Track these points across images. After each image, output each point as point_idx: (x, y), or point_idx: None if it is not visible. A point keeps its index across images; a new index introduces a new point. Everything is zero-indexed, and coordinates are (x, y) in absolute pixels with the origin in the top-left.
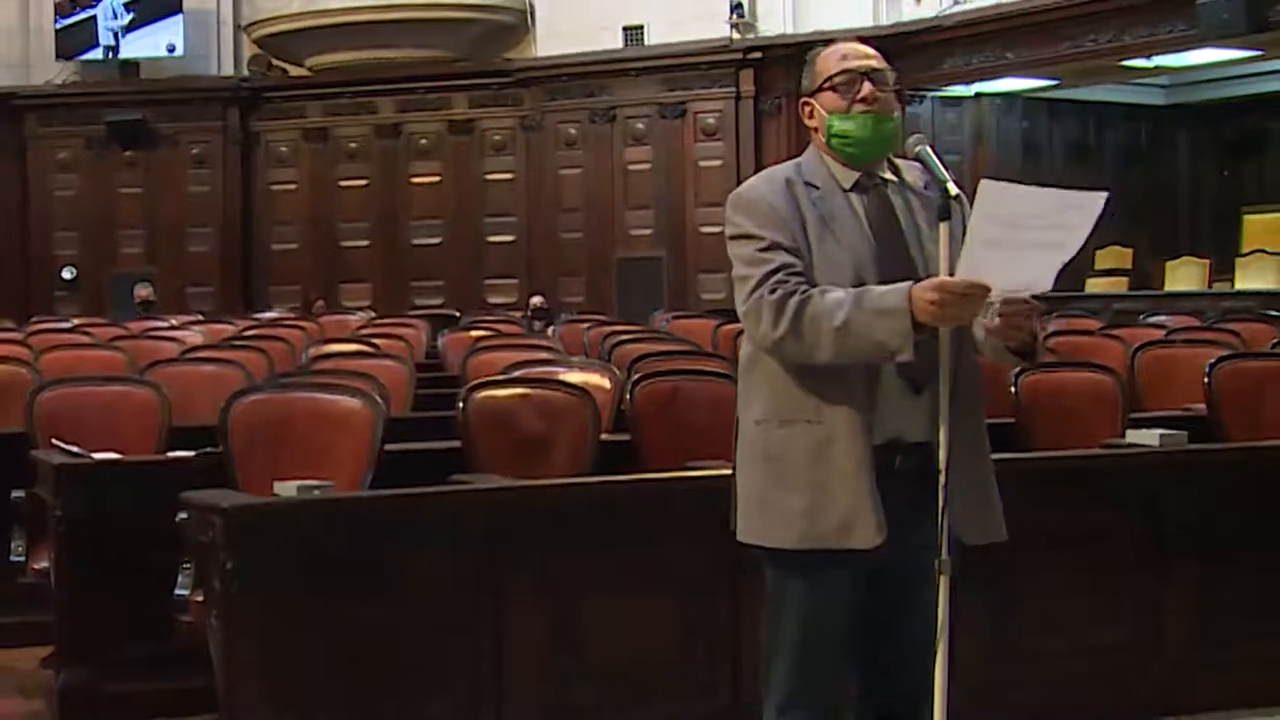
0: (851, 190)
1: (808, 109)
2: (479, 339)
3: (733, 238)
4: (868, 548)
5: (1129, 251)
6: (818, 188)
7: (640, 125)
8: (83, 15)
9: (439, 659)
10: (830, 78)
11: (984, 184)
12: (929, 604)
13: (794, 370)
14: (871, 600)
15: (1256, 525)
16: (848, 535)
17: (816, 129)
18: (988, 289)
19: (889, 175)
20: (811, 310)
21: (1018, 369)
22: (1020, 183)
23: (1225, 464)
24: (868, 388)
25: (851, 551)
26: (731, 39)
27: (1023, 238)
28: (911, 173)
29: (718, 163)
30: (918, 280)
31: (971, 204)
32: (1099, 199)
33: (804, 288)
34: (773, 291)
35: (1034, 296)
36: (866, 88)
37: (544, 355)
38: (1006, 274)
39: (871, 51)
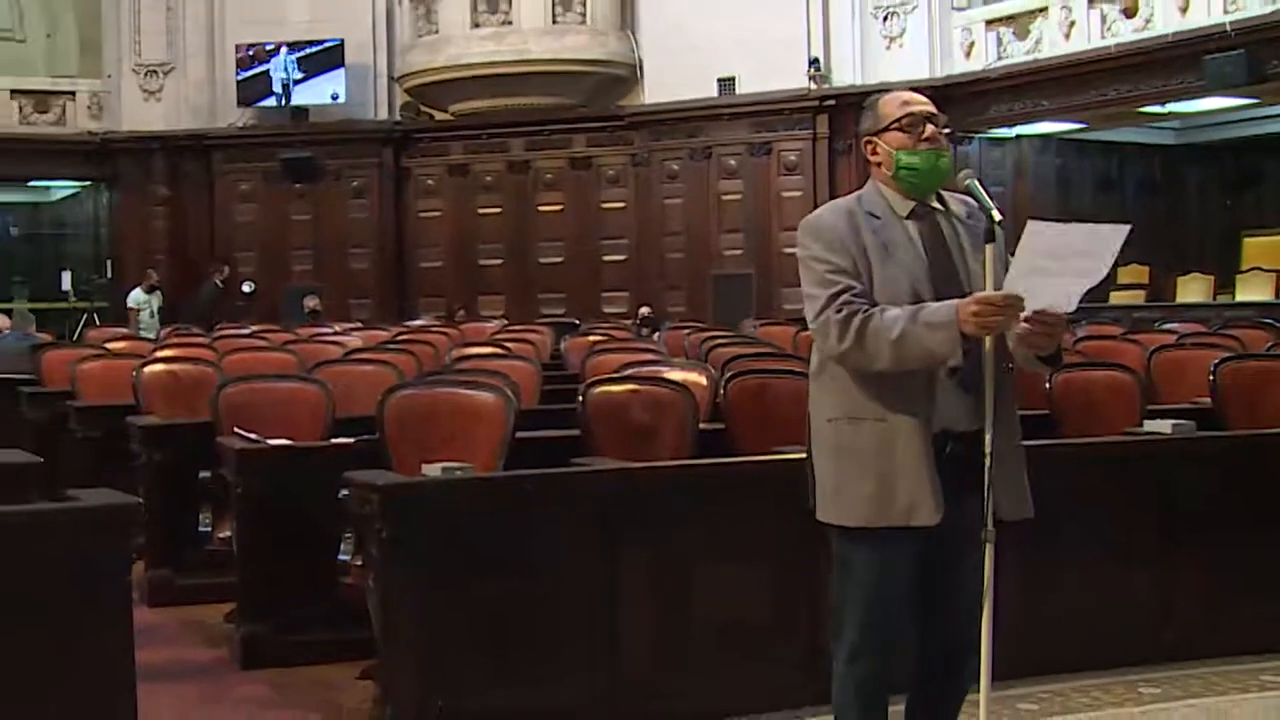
0: (908, 218)
1: (871, 146)
2: (595, 343)
3: (804, 259)
4: (930, 525)
5: (1146, 269)
6: (878, 217)
7: (732, 162)
8: (259, 69)
9: (562, 617)
10: (897, 119)
11: (1030, 224)
12: (975, 568)
13: (860, 376)
14: (926, 564)
15: (1255, 501)
16: (912, 515)
17: (881, 164)
18: (1022, 302)
19: (937, 206)
20: (873, 326)
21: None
22: (1055, 213)
23: (1228, 449)
24: (927, 390)
25: (912, 528)
26: (809, 89)
27: (1059, 266)
28: (955, 203)
29: (798, 194)
30: (964, 295)
31: (1015, 236)
32: (1122, 231)
33: (866, 307)
34: (839, 311)
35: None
36: (929, 128)
37: (651, 357)
38: (1043, 295)
39: (925, 99)
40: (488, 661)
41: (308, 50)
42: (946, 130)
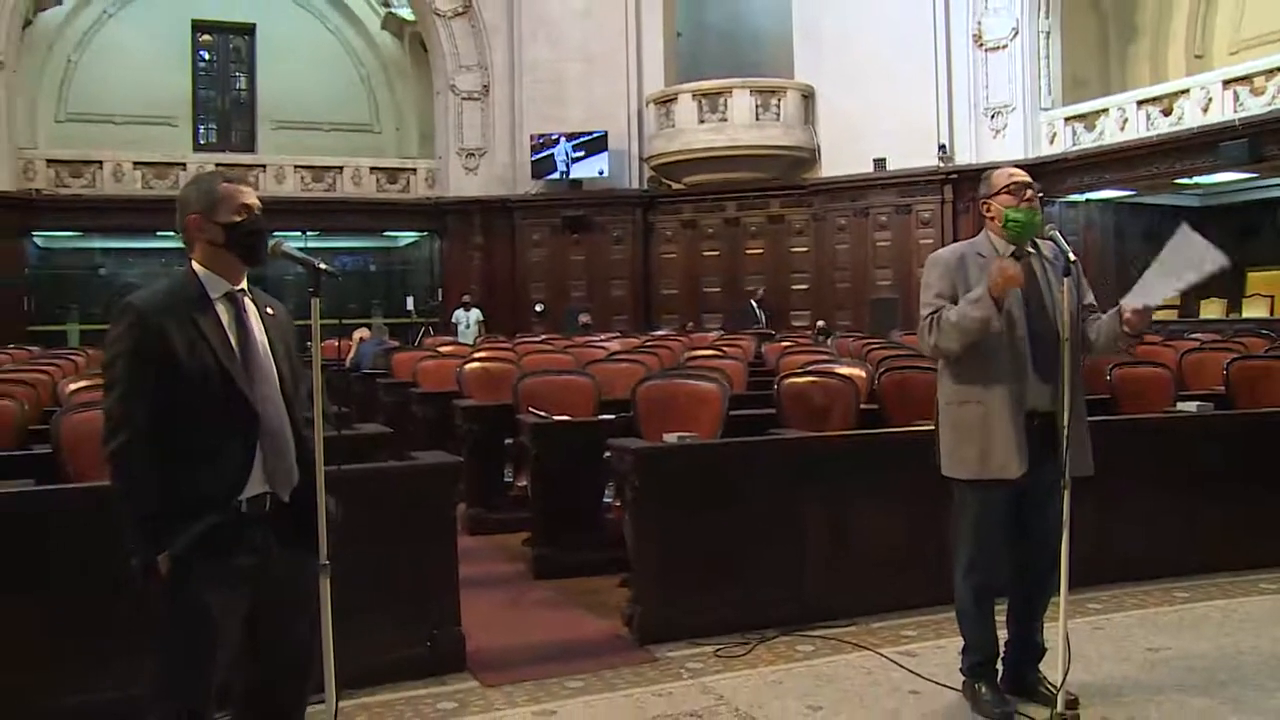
0: (1010, 258)
1: (986, 206)
2: (786, 347)
3: (923, 282)
4: (1017, 477)
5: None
6: (985, 257)
7: (883, 218)
8: (547, 152)
9: (762, 546)
10: (1006, 186)
11: (1184, 228)
12: (1056, 511)
13: (963, 370)
14: (1020, 508)
15: (1256, 461)
16: (1005, 470)
17: (993, 219)
18: (1019, 276)
19: (1031, 250)
20: (941, 321)
21: (1111, 364)
22: (1113, 257)
23: (1236, 423)
24: (1019, 380)
25: (1005, 480)
26: (939, 166)
27: (1169, 268)
28: (1045, 247)
29: (930, 241)
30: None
31: (1082, 268)
32: (1217, 263)
33: (940, 308)
34: (927, 320)
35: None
36: (1029, 193)
37: (826, 357)
38: (1140, 294)
39: (1025, 173)
40: (709, 571)
41: (581, 139)
42: (1040, 194)
